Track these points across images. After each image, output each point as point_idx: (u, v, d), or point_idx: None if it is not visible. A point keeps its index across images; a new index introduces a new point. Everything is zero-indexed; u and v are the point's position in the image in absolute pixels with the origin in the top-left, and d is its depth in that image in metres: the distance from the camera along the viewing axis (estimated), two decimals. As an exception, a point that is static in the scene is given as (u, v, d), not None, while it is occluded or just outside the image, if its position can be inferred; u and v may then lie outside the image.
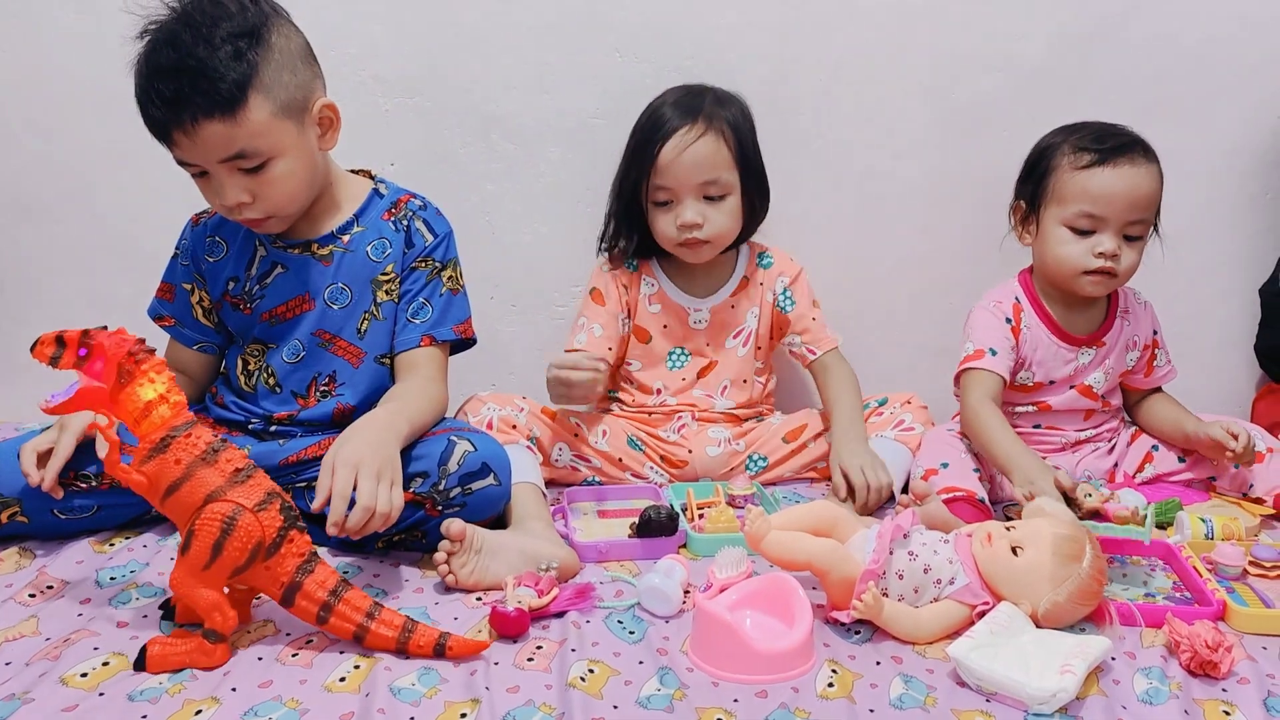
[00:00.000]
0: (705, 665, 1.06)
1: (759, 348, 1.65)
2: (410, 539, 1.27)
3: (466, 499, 1.24)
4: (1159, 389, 1.67)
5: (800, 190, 1.76)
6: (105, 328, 1.02)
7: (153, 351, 1.03)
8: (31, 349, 1.00)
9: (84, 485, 1.26)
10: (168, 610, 1.10)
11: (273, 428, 1.38)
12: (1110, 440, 1.63)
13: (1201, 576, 1.23)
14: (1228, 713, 1.00)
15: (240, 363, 1.41)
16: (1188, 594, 1.23)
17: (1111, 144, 1.49)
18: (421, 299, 1.39)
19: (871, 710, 0.99)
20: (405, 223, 1.40)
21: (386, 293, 1.38)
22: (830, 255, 1.80)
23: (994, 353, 1.54)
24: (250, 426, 1.39)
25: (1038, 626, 1.11)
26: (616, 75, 1.69)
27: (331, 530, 1.11)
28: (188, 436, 1.01)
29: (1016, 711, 0.99)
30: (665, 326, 1.62)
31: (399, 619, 1.05)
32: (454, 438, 1.26)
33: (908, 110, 1.76)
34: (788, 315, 1.64)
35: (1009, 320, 1.57)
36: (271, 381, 1.38)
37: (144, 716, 0.94)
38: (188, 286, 1.42)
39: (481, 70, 1.68)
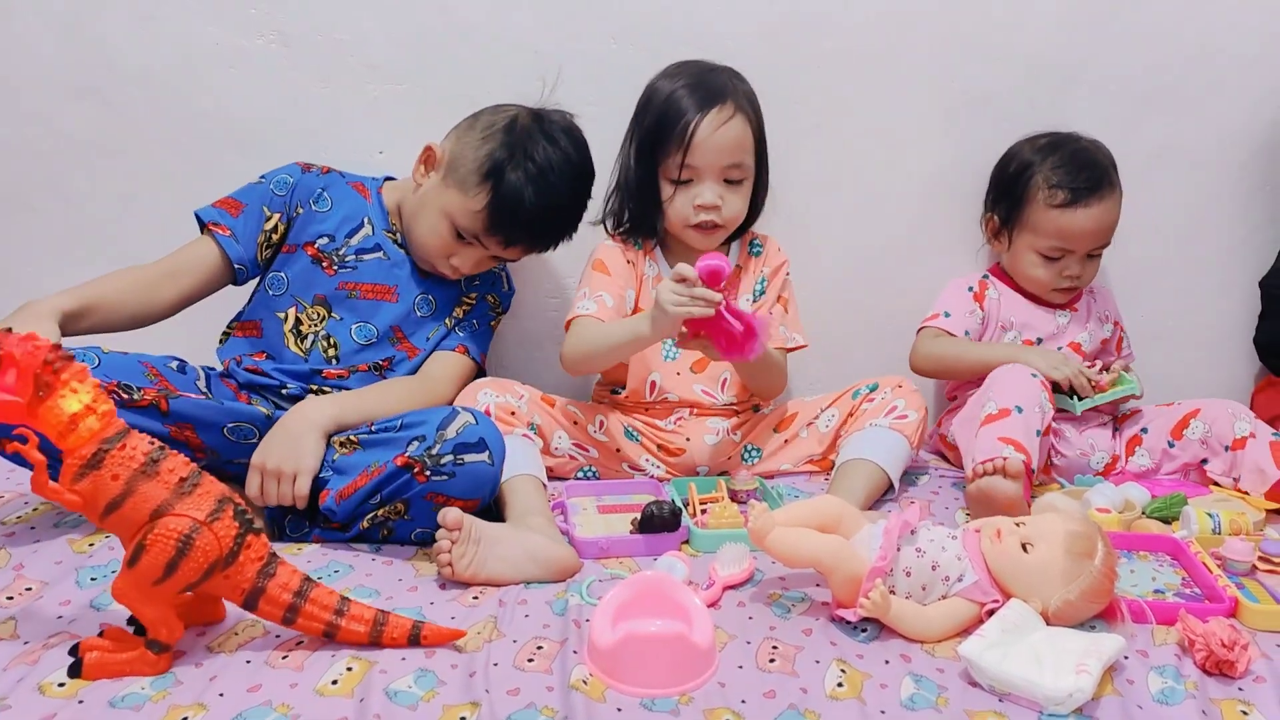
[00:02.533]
0: (641, 688, 0.97)
1: None
2: (392, 515, 1.23)
3: (457, 469, 1.20)
4: None
5: (798, 180, 1.73)
6: (9, 330, 0.91)
7: (71, 358, 0.92)
8: None
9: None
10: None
11: (313, 386, 1.44)
12: (1106, 417, 1.65)
13: (1211, 572, 1.21)
14: (1245, 712, 0.98)
15: (292, 319, 1.44)
16: (1197, 590, 1.21)
17: (1084, 181, 1.59)
18: (474, 320, 1.55)
19: (883, 711, 0.97)
20: (496, 271, 1.59)
21: (463, 311, 1.55)
22: (828, 245, 1.78)
23: (948, 315, 1.68)
24: (284, 391, 1.43)
25: (1048, 624, 1.09)
26: (613, 63, 1.65)
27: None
28: (122, 448, 0.93)
29: (1030, 712, 0.97)
30: None
31: (369, 612, 1.02)
32: (460, 409, 1.26)
33: (907, 100, 1.74)
34: (754, 304, 1.60)
35: (971, 289, 1.70)
36: (331, 352, 1.46)
37: (127, 724, 0.90)
38: (268, 213, 1.48)
39: (474, 58, 1.65)
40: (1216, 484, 1.54)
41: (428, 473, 1.20)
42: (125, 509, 0.93)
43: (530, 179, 1.40)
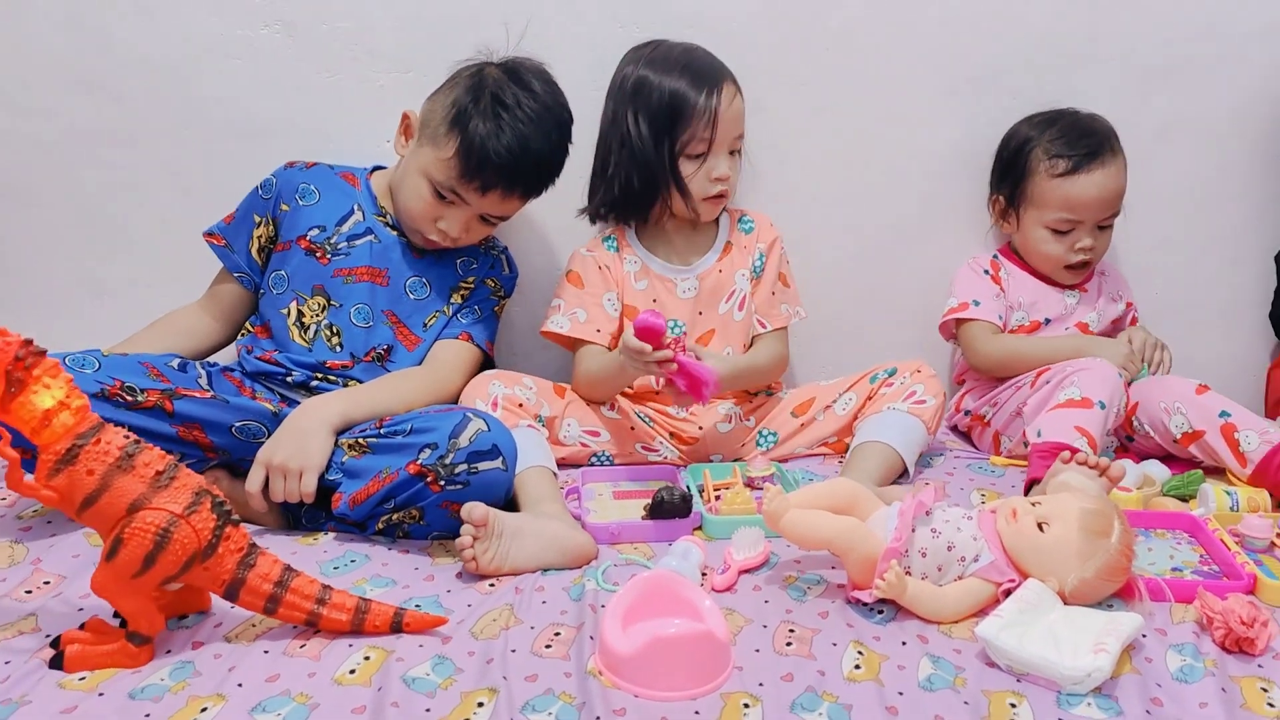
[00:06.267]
0: (668, 693, 0.95)
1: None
2: (407, 519, 1.23)
3: (471, 478, 1.20)
4: None
5: (806, 161, 1.73)
6: None
7: (43, 353, 0.92)
8: None
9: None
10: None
11: (318, 374, 1.43)
12: None
13: (1229, 549, 1.21)
14: (1265, 689, 0.98)
15: (294, 313, 1.45)
16: (1215, 567, 1.21)
17: (1085, 149, 1.58)
18: (476, 307, 1.53)
19: (901, 692, 0.97)
20: (495, 254, 1.58)
21: (461, 297, 1.52)
22: (837, 227, 1.77)
23: (977, 303, 1.67)
24: (290, 380, 1.42)
25: (1065, 604, 1.09)
26: (617, 45, 1.63)
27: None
28: (96, 443, 0.93)
29: (1049, 692, 0.97)
30: (655, 301, 1.55)
31: (351, 600, 1.02)
32: (470, 414, 1.24)
33: (913, 78, 1.72)
34: (754, 280, 1.59)
35: (987, 272, 1.70)
36: (335, 340, 1.45)
37: (147, 715, 0.90)
38: (257, 219, 1.50)
39: (478, 43, 1.63)
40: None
41: (442, 483, 1.19)
42: (101, 504, 0.93)
43: (497, 119, 1.37)
